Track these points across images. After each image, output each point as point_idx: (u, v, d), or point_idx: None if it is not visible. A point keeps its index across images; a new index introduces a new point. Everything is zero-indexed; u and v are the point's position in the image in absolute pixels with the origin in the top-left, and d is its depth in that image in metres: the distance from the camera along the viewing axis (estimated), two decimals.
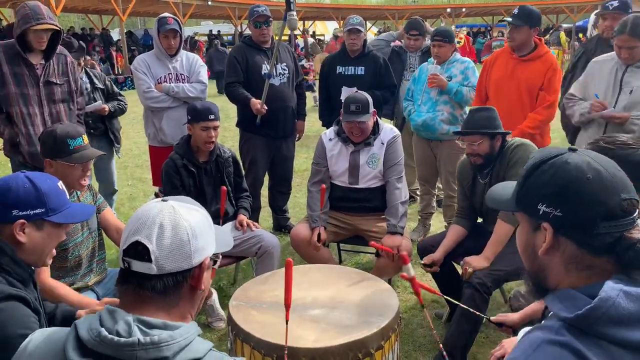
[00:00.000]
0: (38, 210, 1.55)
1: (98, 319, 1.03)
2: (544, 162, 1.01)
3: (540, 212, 0.98)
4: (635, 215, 0.95)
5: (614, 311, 0.87)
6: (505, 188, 1.16)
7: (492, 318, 1.93)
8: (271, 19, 4.01)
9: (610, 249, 0.93)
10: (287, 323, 1.85)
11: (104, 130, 4.06)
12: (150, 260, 1.03)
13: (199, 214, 1.13)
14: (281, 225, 4.53)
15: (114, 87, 4.20)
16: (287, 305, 1.87)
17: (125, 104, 4.20)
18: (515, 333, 1.95)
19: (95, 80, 4.03)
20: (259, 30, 3.98)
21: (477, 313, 2.21)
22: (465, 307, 2.27)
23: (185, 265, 1.06)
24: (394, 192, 3.14)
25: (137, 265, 1.05)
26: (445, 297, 2.35)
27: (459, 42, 13.99)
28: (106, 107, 3.97)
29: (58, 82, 3.11)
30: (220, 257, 1.22)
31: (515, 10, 3.47)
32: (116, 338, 0.97)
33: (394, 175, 3.17)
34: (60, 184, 1.66)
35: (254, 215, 3.99)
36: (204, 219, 1.13)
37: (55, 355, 1.02)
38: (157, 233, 1.04)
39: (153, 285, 1.05)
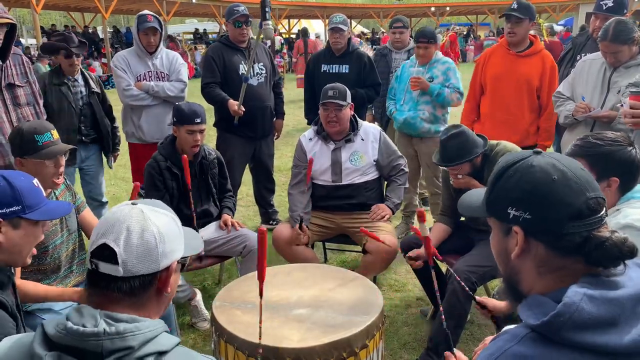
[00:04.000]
0: (14, 208, 1.53)
1: (65, 317, 1.03)
2: (509, 167, 1.03)
3: (510, 216, 1.00)
4: (602, 213, 0.96)
5: (577, 316, 0.87)
6: (476, 195, 1.17)
7: (477, 297, 1.95)
8: (250, 19, 4.00)
9: (580, 248, 0.94)
10: (260, 297, 1.86)
11: (95, 137, 3.77)
12: (117, 263, 1.04)
13: (168, 218, 1.14)
14: (271, 218, 4.55)
15: (106, 95, 3.87)
16: (261, 279, 1.86)
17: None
18: (492, 318, 1.98)
19: (92, 84, 3.69)
20: (240, 29, 3.96)
21: (467, 289, 2.23)
22: (458, 279, 2.29)
23: (152, 268, 1.08)
24: (397, 183, 3.31)
25: (104, 267, 1.05)
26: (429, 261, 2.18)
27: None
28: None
29: (20, 84, 2.77)
30: (189, 259, 1.22)
31: (515, 5, 3.52)
32: (81, 328, 0.98)
33: (396, 173, 3.30)
34: (36, 181, 1.64)
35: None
36: (172, 222, 1.14)
37: (22, 356, 1.02)
38: (124, 236, 1.05)
39: (119, 287, 1.06)
